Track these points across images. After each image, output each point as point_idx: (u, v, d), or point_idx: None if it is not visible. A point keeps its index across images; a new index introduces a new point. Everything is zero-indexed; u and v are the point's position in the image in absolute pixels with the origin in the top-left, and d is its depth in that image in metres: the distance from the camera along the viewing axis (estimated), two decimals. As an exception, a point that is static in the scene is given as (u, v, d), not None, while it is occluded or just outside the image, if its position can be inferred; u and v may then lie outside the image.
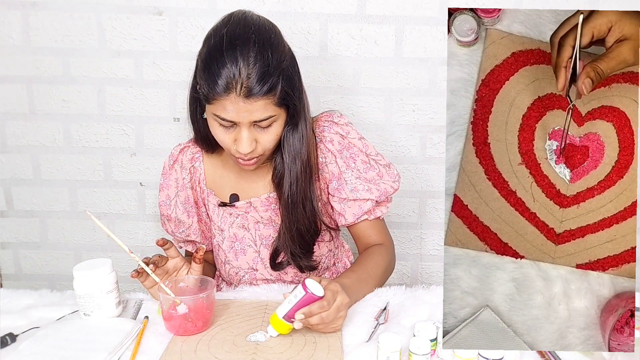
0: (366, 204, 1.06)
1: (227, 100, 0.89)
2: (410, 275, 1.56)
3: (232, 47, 0.88)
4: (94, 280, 0.90)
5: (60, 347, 0.82)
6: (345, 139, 1.07)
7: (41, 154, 1.45)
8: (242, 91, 0.88)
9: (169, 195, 1.12)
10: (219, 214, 1.11)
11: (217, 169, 1.12)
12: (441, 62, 1.39)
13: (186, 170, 1.11)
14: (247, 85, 0.87)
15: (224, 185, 1.11)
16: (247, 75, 0.87)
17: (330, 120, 1.08)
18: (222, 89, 0.88)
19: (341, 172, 1.06)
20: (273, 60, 0.90)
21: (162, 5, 1.35)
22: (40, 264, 1.54)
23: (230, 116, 0.90)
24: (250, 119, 0.91)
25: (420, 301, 0.97)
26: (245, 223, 1.10)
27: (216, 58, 0.88)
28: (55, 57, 1.38)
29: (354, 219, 1.07)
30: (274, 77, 0.89)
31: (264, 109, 0.90)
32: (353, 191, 1.05)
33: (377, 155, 1.09)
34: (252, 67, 0.87)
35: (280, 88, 0.90)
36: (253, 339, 0.86)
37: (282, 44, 0.94)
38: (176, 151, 1.12)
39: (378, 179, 1.07)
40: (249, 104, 0.89)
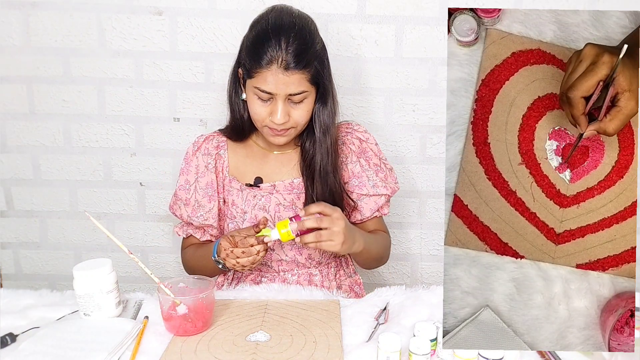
0: (380, 199, 1.17)
1: (268, 72, 1.01)
2: (410, 275, 1.56)
3: (277, 28, 1.02)
4: (94, 280, 0.90)
5: (60, 347, 0.82)
6: (364, 143, 1.18)
7: (41, 154, 1.45)
8: (282, 64, 1.00)
9: (188, 180, 1.16)
10: (243, 197, 1.15)
11: (240, 157, 1.18)
12: (441, 62, 1.39)
13: (211, 157, 1.17)
14: (286, 59, 1.00)
15: (247, 172, 1.17)
16: (286, 51, 1.00)
17: (351, 127, 1.20)
18: (266, 62, 1.00)
19: (363, 170, 1.17)
20: (310, 43, 1.03)
21: (162, 5, 1.35)
22: (40, 264, 1.54)
23: (269, 88, 1.02)
24: (287, 92, 1.02)
25: (420, 301, 0.97)
26: (267, 205, 1.15)
27: (263, 37, 1.02)
28: (55, 57, 1.38)
29: (370, 213, 1.17)
30: (309, 56, 1.02)
31: (299, 82, 1.02)
32: (374, 187, 1.17)
33: (385, 160, 1.21)
34: (292, 45, 1.00)
35: (314, 67, 1.03)
36: (253, 339, 0.86)
37: (317, 34, 1.08)
38: (201, 139, 1.18)
39: (386, 180, 1.19)
40: (287, 76, 1.01)
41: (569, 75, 0.72)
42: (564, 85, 0.73)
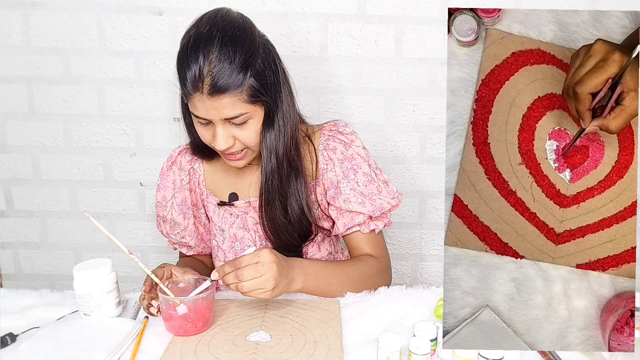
0: (358, 217, 1.05)
1: (195, 98, 0.91)
2: (410, 275, 1.56)
3: (195, 47, 0.89)
4: (94, 280, 0.90)
5: (60, 347, 0.82)
6: (349, 149, 1.06)
7: (41, 154, 1.45)
8: (205, 89, 0.89)
9: (165, 197, 1.12)
10: (220, 214, 1.11)
11: (216, 170, 1.12)
12: (441, 62, 1.39)
13: (185, 172, 1.11)
14: (209, 83, 0.88)
15: (223, 186, 1.11)
16: (208, 73, 0.88)
17: (335, 129, 1.08)
18: (190, 87, 0.90)
19: (338, 181, 1.05)
20: (237, 56, 0.89)
21: (162, 5, 1.35)
22: (40, 264, 1.54)
23: (201, 114, 0.92)
24: (221, 116, 0.92)
25: (421, 301, 0.97)
26: (245, 224, 1.10)
27: (183, 58, 0.91)
28: (55, 57, 1.38)
29: (344, 229, 1.06)
30: (238, 73, 0.89)
31: (232, 106, 0.91)
32: (346, 202, 1.04)
33: (377, 169, 1.08)
34: (214, 64, 0.88)
35: (248, 85, 0.91)
36: (253, 339, 0.86)
37: (250, 40, 0.92)
38: (175, 153, 1.13)
39: (376, 193, 1.05)
40: (215, 101, 0.90)
41: (577, 69, 0.72)
42: (570, 79, 0.72)
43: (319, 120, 1.18)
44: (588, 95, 0.71)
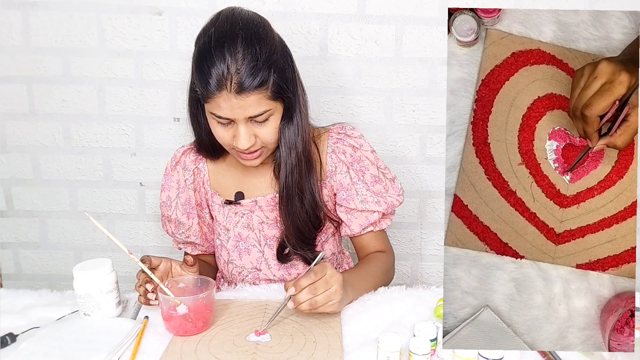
0: (373, 216, 1.08)
1: (220, 97, 0.89)
2: (410, 275, 1.56)
3: (220, 45, 0.89)
4: (94, 280, 0.90)
5: (60, 347, 0.82)
6: (357, 152, 1.08)
7: (41, 154, 1.45)
8: (232, 87, 0.88)
9: (169, 197, 1.12)
10: (224, 214, 1.11)
11: (221, 170, 1.12)
12: (441, 62, 1.39)
13: (189, 172, 1.11)
14: (237, 81, 0.88)
15: (228, 186, 1.11)
16: (236, 71, 0.88)
17: (344, 132, 1.10)
18: (214, 87, 0.89)
19: (353, 183, 1.07)
20: (262, 54, 0.90)
21: (162, 5, 1.35)
22: (40, 264, 1.54)
23: (225, 113, 0.91)
24: (245, 115, 0.91)
25: (421, 301, 0.97)
26: (250, 223, 1.10)
27: (206, 57, 0.89)
28: (55, 57, 1.38)
29: (360, 229, 1.08)
30: (264, 70, 0.89)
31: (258, 103, 0.91)
32: (363, 202, 1.07)
33: (385, 169, 1.11)
34: (241, 62, 0.88)
35: (272, 81, 0.91)
36: (253, 339, 0.86)
37: (271, 37, 0.94)
38: (179, 152, 1.13)
39: (384, 192, 1.09)
40: (242, 100, 0.89)
41: (583, 91, 0.71)
42: (577, 101, 0.72)
43: (319, 121, 1.18)
44: (596, 118, 0.71)
